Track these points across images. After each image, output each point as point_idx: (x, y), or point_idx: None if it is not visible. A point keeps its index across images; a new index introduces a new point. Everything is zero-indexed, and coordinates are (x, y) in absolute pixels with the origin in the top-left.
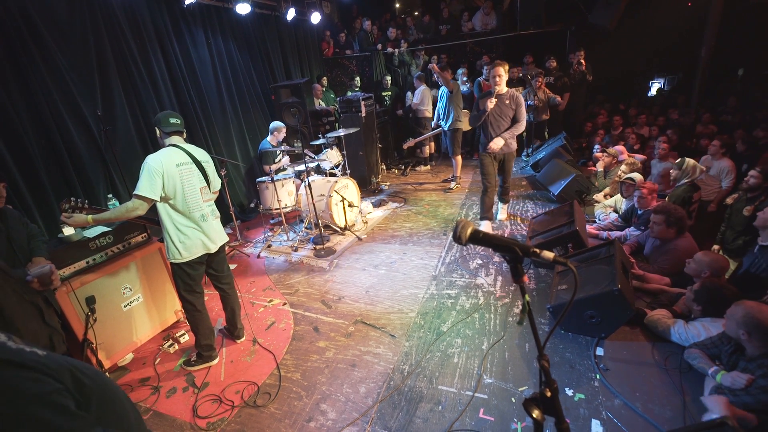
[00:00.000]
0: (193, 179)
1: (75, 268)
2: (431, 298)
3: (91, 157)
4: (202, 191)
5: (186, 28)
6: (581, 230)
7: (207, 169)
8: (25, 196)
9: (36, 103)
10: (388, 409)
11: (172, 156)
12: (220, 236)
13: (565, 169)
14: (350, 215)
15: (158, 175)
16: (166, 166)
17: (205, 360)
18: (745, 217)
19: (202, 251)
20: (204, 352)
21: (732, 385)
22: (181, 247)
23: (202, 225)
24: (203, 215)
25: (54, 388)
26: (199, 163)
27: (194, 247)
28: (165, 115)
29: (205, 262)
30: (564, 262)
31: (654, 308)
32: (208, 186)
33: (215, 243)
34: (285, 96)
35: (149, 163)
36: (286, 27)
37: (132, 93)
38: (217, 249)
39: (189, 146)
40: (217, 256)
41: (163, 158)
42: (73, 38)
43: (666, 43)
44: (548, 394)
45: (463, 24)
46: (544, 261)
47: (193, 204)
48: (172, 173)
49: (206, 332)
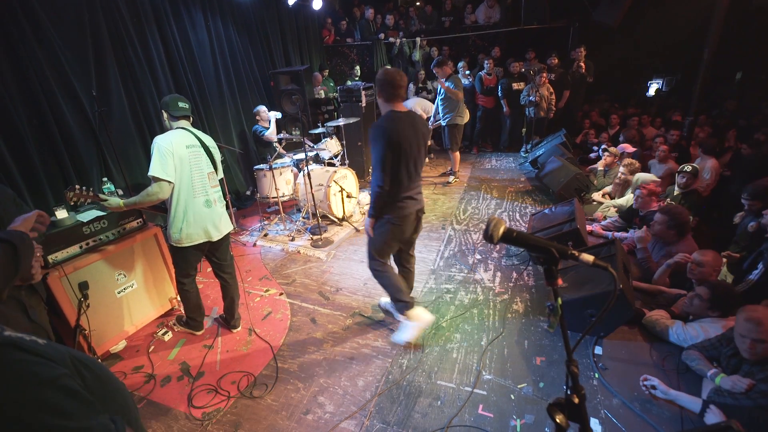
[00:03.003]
0: (201, 163)
1: (68, 253)
2: (429, 292)
3: (85, 139)
4: (209, 176)
5: (185, 10)
6: (582, 228)
7: (215, 155)
8: (15, 177)
9: (27, 81)
10: (387, 403)
11: (182, 137)
12: (225, 224)
13: (564, 166)
14: (348, 206)
15: (169, 155)
16: (176, 146)
17: (190, 327)
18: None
19: (204, 239)
20: (190, 322)
21: (732, 389)
22: (182, 232)
23: (207, 210)
24: (208, 201)
25: (61, 372)
26: (206, 148)
27: (195, 234)
28: (173, 98)
29: (207, 250)
30: (605, 267)
31: (652, 308)
32: (216, 171)
33: (219, 231)
34: (284, 83)
35: (159, 143)
36: (287, 12)
37: (128, 74)
38: (221, 237)
39: (197, 131)
40: (221, 245)
41: (173, 139)
42: (68, 16)
43: (668, 44)
44: (576, 401)
45: (466, 16)
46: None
47: (199, 188)
48: (182, 154)
49: (193, 308)
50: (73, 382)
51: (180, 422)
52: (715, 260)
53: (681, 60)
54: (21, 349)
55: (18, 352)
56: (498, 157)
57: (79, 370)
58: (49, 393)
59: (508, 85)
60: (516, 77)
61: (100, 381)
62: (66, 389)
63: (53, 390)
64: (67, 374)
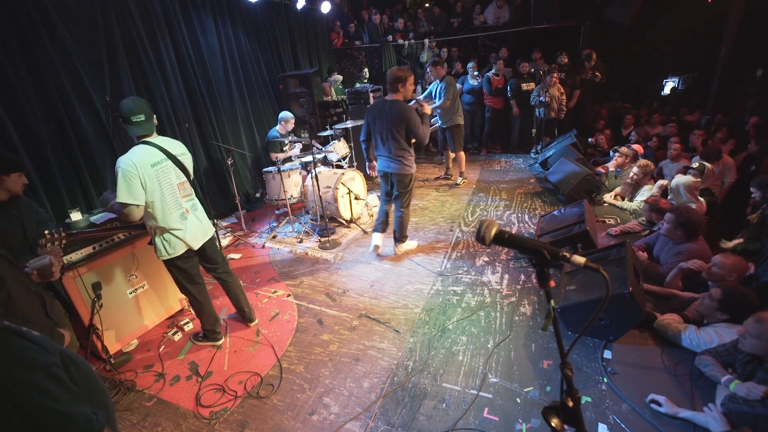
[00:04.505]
0: (170, 177)
1: (82, 254)
2: (437, 294)
3: (99, 143)
4: (179, 187)
5: (195, 15)
6: (591, 230)
7: (185, 162)
8: (33, 181)
9: (45, 88)
10: (392, 405)
11: (146, 155)
12: (203, 233)
13: (575, 167)
14: (356, 208)
15: (134, 178)
16: (140, 167)
17: (210, 340)
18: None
19: (185, 248)
20: (209, 335)
21: (747, 396)
22: (166, 245)
23: (183, 224)
24: (182, 213)
25: (53, 360)
26: (174, 158)
27: (177, 245)
28: (128, 108)
29: (197, 255)
30: (596, 269)
31: (664, 312)
32: (188, 180)
33: (197, 241)
34: (293, 86)
35: (122, 167)
36: (296, 16)
37: (141, 79)
38: (203, 243)
39: (162, 140)
40: (207, 250)
41: (136, 159)
42: (82, 23)
43: (683, 41)
44: (570, 404)
45: (474, 17)
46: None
47: (171, 203)
48: (149, 174)
49: (210, 320)
50: (61, 372)
51: (188, 421)
52: (735, 264)
53: (698, 57)
54: (20, 335)
55: (17, 338)
56: (507, 158)
57: (66, 363)
58: (41, 376)
59: (517, 85)
60: (525, 77)
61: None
62: (55, 377)
63: (45, 374)
64: (57, 363)
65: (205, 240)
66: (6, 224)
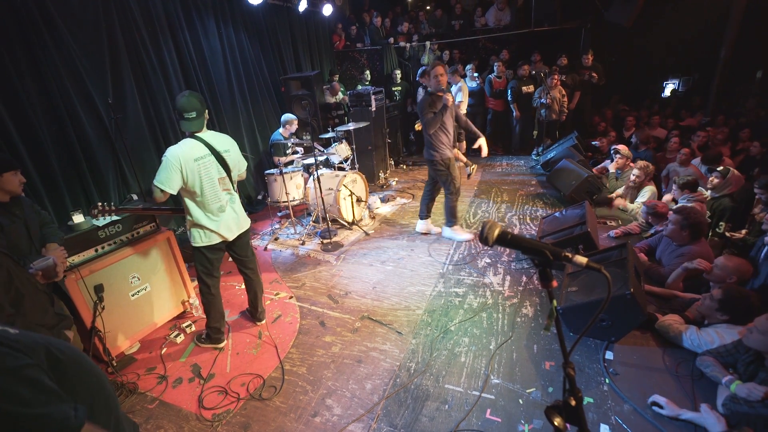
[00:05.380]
0: (211, 172)
1: (84, 256)
2: (439, 295)
3: (101, 145)
4: (220, 182)
5: (198, 18)
6: (593, 231)
7: (227, 159)
8: (36, 183)
9: (48, 90)
10: (394, 406)
11: (191, 150)
12: (238, 224)
13: (576, 169)
14: (358, 210)
15: (176, 170)
16: (184, 161)
17: (212, 341)
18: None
19: (219, 240)
20: (213, 334)
21: (748, 396)
22: (201, 234)
23: (220, 216)
24: (221, 206)
25: (25, 362)
26: (218, 154)
27: (212, 235)
28: (181, 106)
29: (227, 247)
30: (598, 269)
31: (665, 313)
32: (228, 176)
33: (232, 232)
34: (295, 88)
35: (168, 158)
36: (298, 18)
37: (143, 82)
38: (238, 235)
39: (210, 135)
40: (239, 241)
41: (182, 153)
42: (85, 25)
43: (684, 43)
44: (573, 403)
45: (476, 19)
46: (577, 266)
47: (211, 196)
48: (191, 168)
49: (217, 316)
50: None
51: (191, 423)
52: (737, 267)
53: (698, 59)
54: None
55: None
56: (509, 160)
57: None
58: (8, 381)
59: (518, 87)
60: (525, 80)
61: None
62: (28, 379)
63: (13, 378)
64: (31, 364)
65: (240, 231)
66: (10, 225)
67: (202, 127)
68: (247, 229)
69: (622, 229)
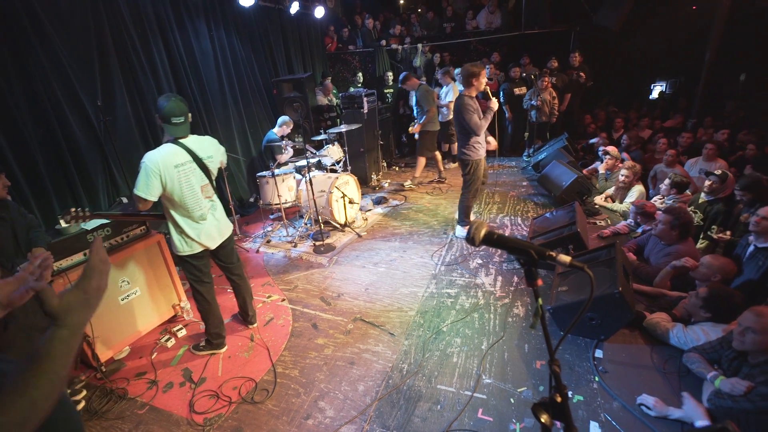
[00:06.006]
0: (192, 179)
1: (72, 260)
2: (431, 296)
3: (90, 148)
4: (202, 189)
5: (188, 19)
6: (582, 232)
7: (210, 165)
8: (22, 187)
9: (35, 92)
10: (387, 407)
11: (172, 156)
12: (220, 232)
13: (566, 170)
14: (350, 212)
15: (155, 176)
16: (163, 167)
17: (213, 347)
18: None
19: (202, 248)
20: (213, 339)
21: (731, 391)
22: (183, 242)
23: (201, 224)
24: (202, 214)
25: None
26: (200, 160)
27: (194, 244)
28: (169, 110)
29: (212, 254)
30: (581, 267)
31: (653, 311)
32: (211, 182)
33: (214, 241)
34: (287, 90)
35: (146, 163)
36: (290, 20)
37: (132, 84)
38: (221, 243)
39: (192, 140)
40: (223, 249)
41: (161, 159)
42: (73, 27)
43: (670, 46)
44: (558, 400)
45: (467, 22)
46: (561, 265)
47: (192, 204)
48: (171, 175)
49: (215, 321)
50: None
51: (182, 428)
52: (722, 266)
53: (684, 62)
54: None
55: None
56: (500, 161)
57: None
58: None
59: (510, 90)
60: (517, 82)
61: None
62: None
63: None
64: None
65: (222, 239)
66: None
67: (188, 132)
68: (230, 235)
69: (611, 229)
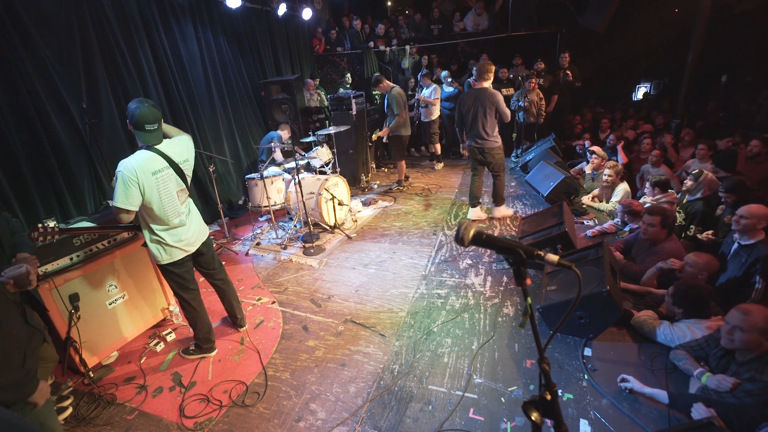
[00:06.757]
0: (170, 185)
1: (58, 265)
2: (421, 297)
3: (75, 151)
4: (179, 194)
5: (175, 21)
6: (570, 231)
7: (186, 169)
8: (5, 191)
9: (18, 95)
10: (378, 408)
11: (149, 163)
12: (198, 237)
13: (554, 170)
14: (340, 213)
15: (133, 185)
16: (141, 175)
17: (203, 351)
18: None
19: (183, 254)
20: (203, 344)
21: (717, 388)
22: (162, 251)
23: (180, 231)
24: (181, 220)
25: None
26: (176, 166)
27: (173, 251)
28: (143, 116)
29: (192, 260)
30: (569, 266)
31: (640, 309)
32: (187, 187)
33: (193, 245)
34: (275, 92)
35: (122, 172)
36: (277, 22)
37: (118, 86)
38: (198, 248)
39: (167, 145)
40: (203, 256)
41: (138, 166)
42: (57, 28)
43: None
44: (548, 397)
45: (454, 24)
46: (549, 264)
47: (171, 211)
48: (149, 183)
49: (204, 328)
50: None
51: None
52: (707, 263)
53: (668, 64)
54: None
55: None
56: None
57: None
58: None
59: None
60: (505, 83)
61: None
62: None
63: None
64: None
65: (200, 242)
66: None
67: (161, 138)
68: (208, 240)
69: (599, 228)
